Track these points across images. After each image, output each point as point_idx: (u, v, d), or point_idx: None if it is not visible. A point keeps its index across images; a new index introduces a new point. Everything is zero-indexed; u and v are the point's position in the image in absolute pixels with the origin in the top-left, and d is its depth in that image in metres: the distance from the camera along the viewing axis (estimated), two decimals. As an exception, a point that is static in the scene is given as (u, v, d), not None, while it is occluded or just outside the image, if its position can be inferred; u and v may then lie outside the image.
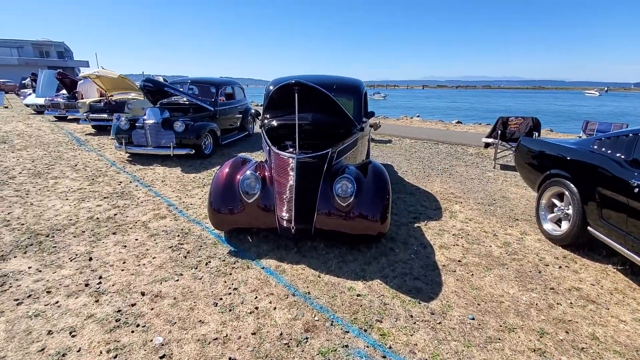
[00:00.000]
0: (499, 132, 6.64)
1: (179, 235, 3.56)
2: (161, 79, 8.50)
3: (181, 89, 7.78)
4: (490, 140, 6.72)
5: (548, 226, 3.57)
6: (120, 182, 5.36)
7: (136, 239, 3.46)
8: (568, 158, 3.39)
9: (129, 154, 7.08)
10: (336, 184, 3.07)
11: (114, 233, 3.60)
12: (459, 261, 3.12)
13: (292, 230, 3.02)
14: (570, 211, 3.28)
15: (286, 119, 4.29)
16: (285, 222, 3.08)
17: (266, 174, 3.36)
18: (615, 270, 3.01)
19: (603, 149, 3.06)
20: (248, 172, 3.21)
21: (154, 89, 6.85)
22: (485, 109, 45.35)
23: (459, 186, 5.47)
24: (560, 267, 3.04)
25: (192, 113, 7.57)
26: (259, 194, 3.15)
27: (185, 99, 7.66)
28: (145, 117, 6.71)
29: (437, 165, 6.79)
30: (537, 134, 6.40)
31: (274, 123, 4.29)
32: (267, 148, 3.61)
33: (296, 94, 3.21)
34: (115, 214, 4.10)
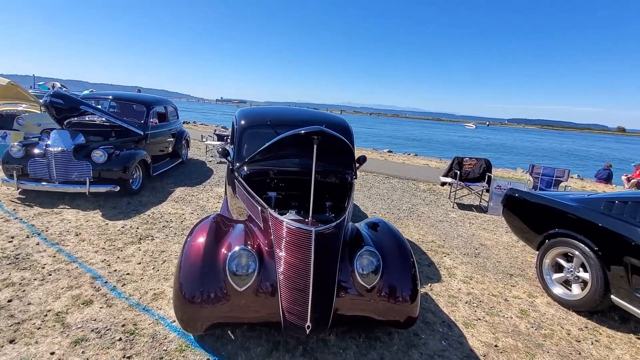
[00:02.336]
0: (456, 172, 6.74)
1: (120, 339, 2.39)
2: (58, 86, 6.53)
3: (100, 108, 6.20)
4: (448, 179, 6.78)
5: (558, 290, 3.39)
6: (12, 238, 3.75)
7: (51, 354, 2.19)
8: (580, 218, 3.28)
9: (21, 190, 5.23)
10: (357, 259, 2.37)
11: (11, 341, 2.26)
12: (496, 346, 2.66)
13: (307, 330, 2.18)
14: (584, 275, 3.14)
15: (277, 165, 3.48)
16: (295, 317, 2.22)
17: (261, 245, 2.47)
18: None
19: (621, 213, 3.00)
20: (237, 248, 2.28)
21: (65, 108, 5.24)
22: (403, 137, 49.59)
23: (434, 231, 5.23)
24: (592, 342, 2.81)
25: (115, 137, 6.05)
26: (254, 279, 2.24)
27: (104, 119, 6.10)
28: (49, 143, 5.05)
29: (401, 205, 6.56)
30: (490, 175, 6.65)
31: (257, 170, 3.44)
32: (258, 208, 2.71)
33: (315, 146, 2.46)
34: (9, 300, 2.68)
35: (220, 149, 3.63)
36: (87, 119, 6.11)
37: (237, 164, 3.43)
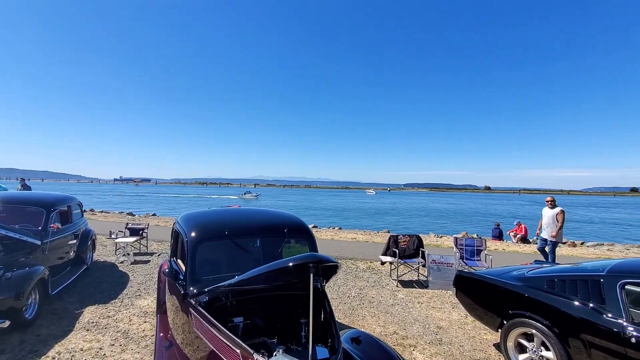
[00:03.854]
0: (394, 250, 7.05)
1: None
2: None
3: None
4: (388, 258, 7.01)
5: (528, 372, 3.52)
6: None
7: None
8: (530, 298, 3.60)
9: None
10: None
11: None
12: None
13: None
14: (548, 354, 3.35)
15: (243, 284, 2.98)
16: None
17: None
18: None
19: (562, 291, 3.40)
20: None
21: None
22: (319, 207, 51.28)
23: (391, 319, 5.14)
24: None
25: (3, 252, 4.73)
26: None
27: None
28: None
29: (348, 291, 6.41)
30: (423, 250, 7.11)
31: (221, 292, 2.91)
32: (237, 352, 2.22)
33: (311, 275, 2.22)
34: None
35: (166, 270, 3.07)
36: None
37: (193, 289, 2.88)
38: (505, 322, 3.81)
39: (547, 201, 8.30)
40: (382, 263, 7.41)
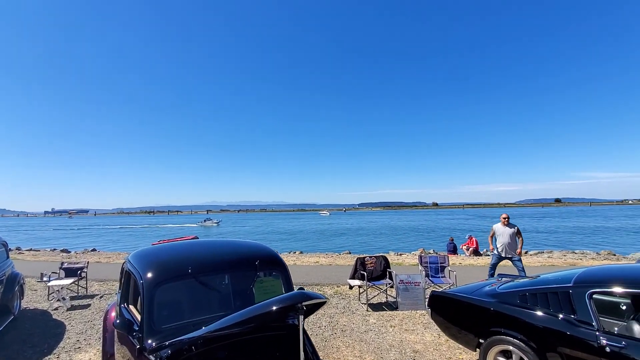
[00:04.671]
0: (362, 273, 6.92)
1: None
2: None
3: None
4: (357, 282, 6.85)
5: (510, 391, 3.49)
6: None
7: None
8: (504, 314, 3.62)
9: None
10: None
11: None
12: None
13: None
14: (527, 371, 3.35)
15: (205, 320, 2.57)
16: None
17: None
18: None
19: (535, 304, 3.46)
20: None
21: None
22: (276, 231, 50.13)
23: (366, 348, 4.93)
24: None
25: None
26: None
27: None
28: None
29: (319, 320, 6.10)
30: (393, 271, 7.07)
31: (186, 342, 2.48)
32: None
33: (301, 317, 1.95)
34: None
35: (117, 321, 2.60)
36: None
37: (152, 342, 2.44)
38: (482, 340, 3.79)
39: (504, 218, 7.91)
40: (351, 287, 7.23)
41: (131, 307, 3.10)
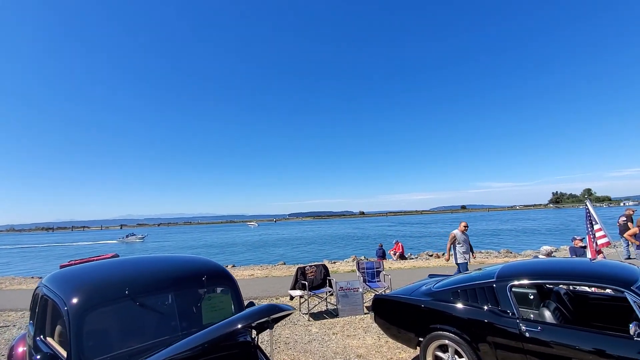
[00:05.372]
0: (302, 283, 6.89)
1: None
2: None
3: None
4: (299, 292, 6.78)
5: (448, 382, 3.76)
6: None
7: None
8: (440, 311, 3.92)
9: None
10: None
11: None
12: None
13: None
14: (462, 361, 3.67)
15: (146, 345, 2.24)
16: None
17: None
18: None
19: (465, 299, 3.83)
20: None
21: None
22: (201, 245, 47.15)
23: (311, 358, 4.88)
24: None
25: None
26: None
27: None
28: None
29: (261, 335, 5.86)
30: (333, 279, 7.17)
31: None
32: None
33: (270, 331, 1.81)
34: None
35: (37, 357, 2.14)
36: None
37: None
38: (421, 338, 4.05)
39: (465, 226, 8.03)
40: (292, 298, 7.12)
41: (49, 339, 2.60)
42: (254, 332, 2.84)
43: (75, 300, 2.30)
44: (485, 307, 3.68)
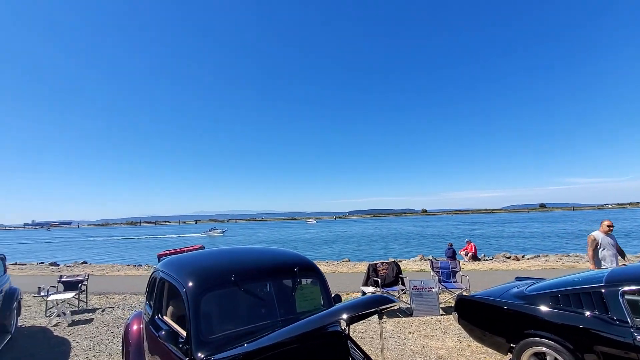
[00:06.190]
0: (375, 279, 6.87)
1: None
2: None
3: None
4: (371, 289, 6.79)
5: (549, 393, 3.47)
6: None
7: None
8: (537, 317, 3.62)
9: None
10: None
11: None
12: None
13: None
14: (564, 372, 3.34)
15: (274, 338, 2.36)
16: None
17: None
18: None
19: (567, 305, 3.48)
20: None
21: None
22: (267, 240, 49.60)
23: (390, 355, 4.85)
24: None
25: None
26: None
27: None
28: None
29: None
30: (406, 277, 7.05)
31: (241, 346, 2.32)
32: None
33: (380, 321, 1.89)
34: None
35: (162, 333, 2.46)
36: None
37: (202, 355, 2.30)
38: (514, 344, 3.78)
39: (609, 226, 6.08)
40: (364, 294, 7.15)
41: (166, 318, 2.98)
42: (343, 322, 2.91)
43: (191, 284, 2.60)
44: (592, 314, 3.31)
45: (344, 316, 1.91)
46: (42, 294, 7.22)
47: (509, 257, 16.66)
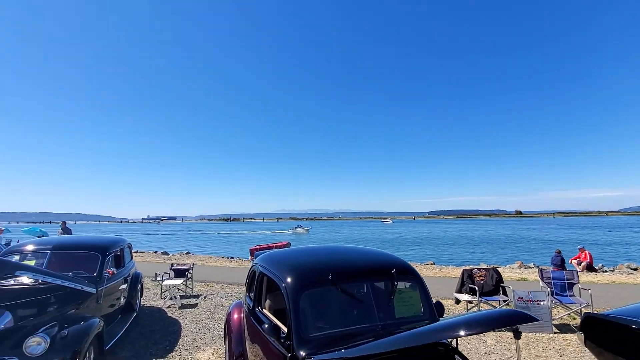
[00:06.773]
0: (470, 287, 6.23)
1: None
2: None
3: (35, 267, 4.63)
4: (466, 297, 6.19)
5: None
6: None
7: None
8: None
9: None
10: None
11: None
12: None
13: None
14: None
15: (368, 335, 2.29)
16: None
17: None
18: None
19: None
20: None
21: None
22: (345, 239, 49.94)
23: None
24: None
25: (56, 306, 4.30)
26: None
27: (40, 280, 4.40)
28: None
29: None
30: (508, 286, 6.25)
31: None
32: None
33: (518, 341, 1.63)
34: None
35: (266, 327, 2.51)
36: (12, 282, 4.38)
37: (303, 353, 2.26)
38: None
39: None
40: (458, 301, 6.57)
41: (265, 311, 3.07)
42: None
43: (290, 280, 2.61)
44: None
45: (463, 333, 1.65)
46: (159, 279, 8.31)
47: (634, 269, 13.73)
